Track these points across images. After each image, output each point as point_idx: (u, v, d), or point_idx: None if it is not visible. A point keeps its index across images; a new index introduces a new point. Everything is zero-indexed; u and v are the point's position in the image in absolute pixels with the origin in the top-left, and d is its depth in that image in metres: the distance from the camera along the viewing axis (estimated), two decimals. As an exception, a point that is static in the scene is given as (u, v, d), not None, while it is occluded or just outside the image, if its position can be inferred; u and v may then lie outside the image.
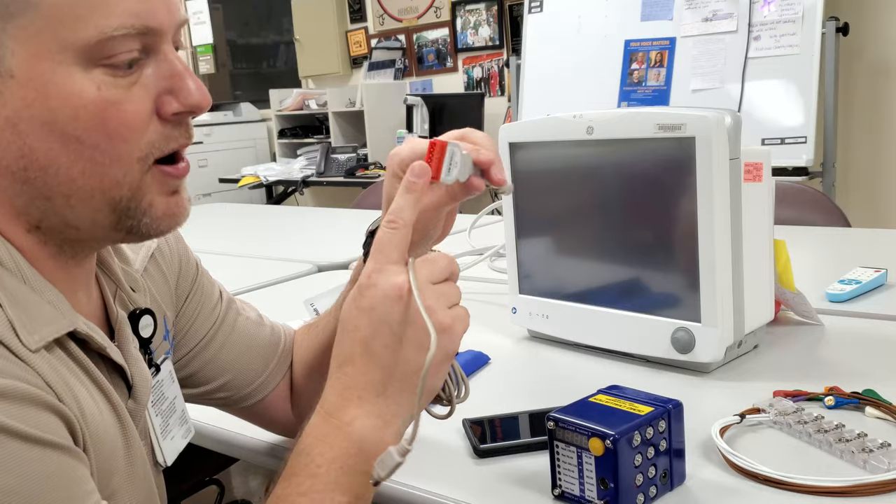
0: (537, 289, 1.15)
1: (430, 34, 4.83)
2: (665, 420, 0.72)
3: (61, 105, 0.54)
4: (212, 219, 2.89)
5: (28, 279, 0.58)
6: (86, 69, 0.55)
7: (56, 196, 0.57)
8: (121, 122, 0.56)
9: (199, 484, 1.77)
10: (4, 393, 0.51)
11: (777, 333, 1.12)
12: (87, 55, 0.54)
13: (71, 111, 0.55)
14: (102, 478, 0.59)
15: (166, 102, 0.59)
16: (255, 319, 0.89)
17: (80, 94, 0.55)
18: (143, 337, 0.72)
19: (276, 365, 0.88)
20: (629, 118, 1.00)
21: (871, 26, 3.36)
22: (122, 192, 0.58)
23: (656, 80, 3.37)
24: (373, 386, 0.62)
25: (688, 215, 0.95)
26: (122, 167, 0.58)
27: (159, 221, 0.61)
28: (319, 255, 1.90)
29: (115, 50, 0.55)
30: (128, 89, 0.57)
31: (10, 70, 0.54)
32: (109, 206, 0.58)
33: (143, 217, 0.60)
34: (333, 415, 0.62)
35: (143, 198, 0.60)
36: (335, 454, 0.61)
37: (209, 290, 0.86)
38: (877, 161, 3.48)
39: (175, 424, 0.78)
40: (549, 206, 1.12)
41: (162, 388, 0.75)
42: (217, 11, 5.86)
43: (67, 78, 0.54)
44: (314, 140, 4.97)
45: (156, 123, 0.59)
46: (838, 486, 0.71)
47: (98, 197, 0.58)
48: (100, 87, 0.55)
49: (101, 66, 0.55)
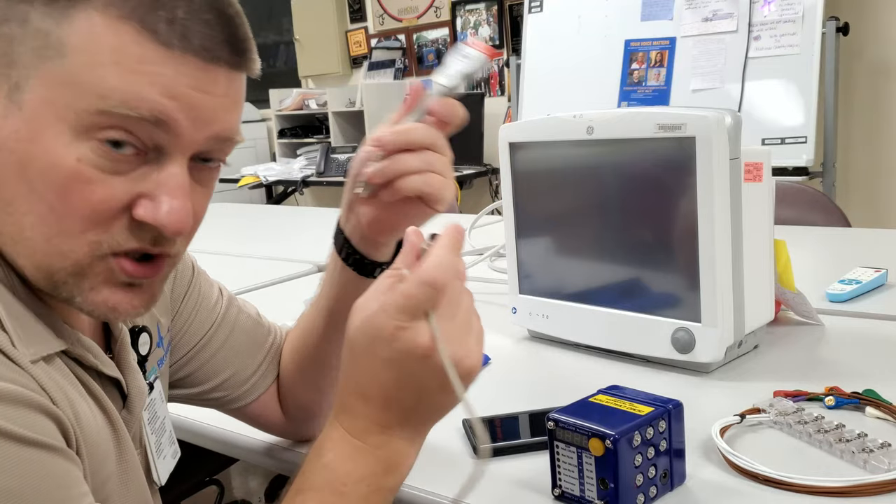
0: (537, 289, 1.15)
1: (430, 34, 4.83)
2: (665, 420, 0.72)
3: (39, 157, 0.54)
4: (212, 219, 2.88)
5: (20, 296, 0.58)
6: (77, 138, 0.54)
7: (4, 234, 0.56)
8: (83, 201, 0.54)
9: (199, 484, 1.77)
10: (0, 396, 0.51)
11: (777, 333, 1.12)
12: (85, 126, 0.53)
13: (43, 166, 0.54)
14: (96, 482, 0.59)
15: (140, 205, 0.56)
16: (254, 317, 0.89)
17: (59, 158, 0.53)
18: (142, 354, 0.72)
19: (270, 364, 0.87)
20: (629, 118, 1.00)
21: (871, 26, 3.36)
22: (64, 264, 0.56)
23: (656, 80, 3.37)
24: (398, 420, 0.60)
25: (688, 215, 0.95)
26: (69, 242, 0.55)
27: (93, 307, 0.58)
28: (319, 255, 1.89)
29: (109, 135, 0.54)
30: (108, 175, 0.55)
31: (21, 103, 0.54)
32: (47, 270, 0.56)
33: (77, 296, 0.57)
34: (358, 437, 0.61)
35: (85, 279, 0.57)
36: (362, 474, 0.60)
37: (207, 289, 0.86)
38: (877, 161, 3.48)
39: (166, 444, 0.78)
40: (549, 206, 1.12)
41: (155, 407, 0.75)
42: (217, 11, 5.85)
43: (58, 137, 0.53)
44: (314, 140, 4.97)
45: (124, 219, 0.56)
46: (838, 487, 0.71)
47: (39, 256, 0.56)
48: (79, 160, 0.54)
49: (96, 141, 0.54)
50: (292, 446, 0.91)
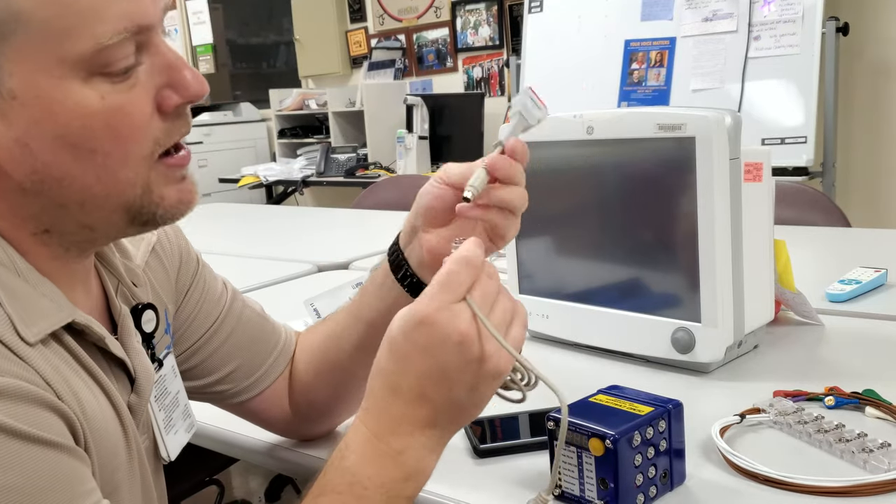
0: (537, 289, 1.15)
1: (430, 34, 4.83)
2: (665, 420, 0.72)
3: (70, 119, 0.55)
4: (212, 219, 2.89)
5: (23, 273, 0.58)
6: (85, 80, 0.55)
7: (70, 203, 0.59)
8: (128, 126, 0.57)
9: (199, 484, 1.77)
10: (4, 392, 0.51)
11: (777, 333, 1.12)
12: (85, 66, 0.55)
13: (80, 123, 0.55)
14: (105, 473, 0.60)
15: (166, 97, 0.60)
16: (259, 312, 0.90)
17: (86, 106, 0.55)
18: (146, 332, 0.72)
19: (276, 359, 0.88)
20: (629, 118, 1.00)
21: (871, 26, 3.36)
22: (136, 192, 0.60)
23: (656, 80, 3.37)
24: (424, 421, 0.61)
25: (688, 215, 0.95)
26: (132, 168, 0.59)
27: (173, 210, 0.63)
28: (319, 255, 1.90)
29: (111, 58, 0.55)
30: (128, 92, 0.57)
31: (12, 92, 0.54)
32: (124, 206, 0.60)
33: (156, 210, 0.62)
34: (382, 440, 0.61)
35: (153, 192, 0.61)
36: (383, 480, 0.60)
37: (212, 283, 0.87)
38: (877, 161, 3.48)
39: (178, 419, 0.78)
40: (549, 206, 1.12)
41: (165, 382, 0.76)
42: (217, 11, 5.86)
43: (70, 91, 0.55)
44: (314, 140, 4.97)
45: (157, 119, 0.60)
46: (838, 486, 0.71)
47: (113, 199, 0.59)
48: (103, 97, 0.56)
49: (100, 75, 0.56)
50: (293, 446, 0.91)
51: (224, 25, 6.00)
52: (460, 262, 0.60)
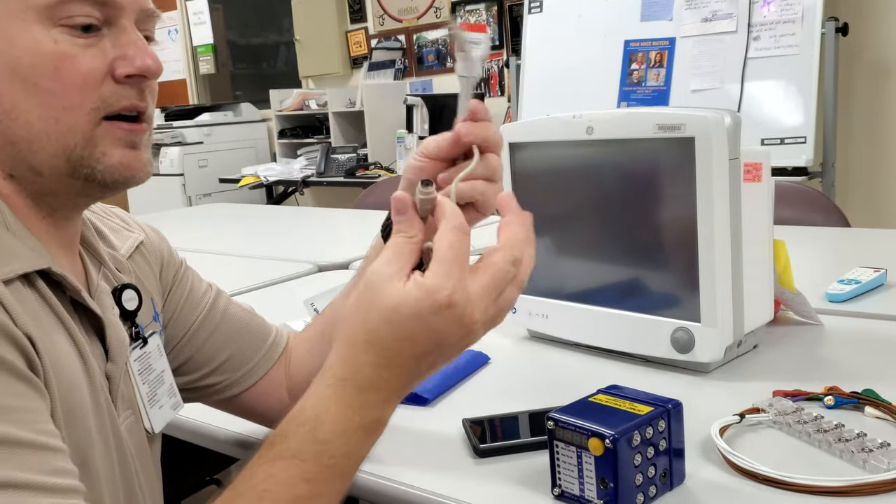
0: (537, 289, 1.15)
1: (429, 34, 4.83)
2: (665, 420, 0.72)
3: (23, 54, 0.61)
4: (212, 219, 2.90)
5: (11, 227, 0.63)
6: (46, 27, 0.62)
7: (19, 140, 0.63)
8: (73, 72, 0.63)
9: (199, 484, 1.77)
10: None
11: (777, 333, 1.13)
12: (47, 14, 0.61)
13: (31, 59, 0.62)
14: (65, 407, 0.61)
15: (119, 66, 0.65)
16: (247, 310, 0.92)
17: (39, 45, 0.62)
18: (128, 309, 0.75)
19: (267, 351, 0.90)
20: (629, 118, 1.00)
21: (871, 26, 3.36)
22: (76, 139, 0.64)
23: (656, 81, 3.38)
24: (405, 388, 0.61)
25: (687, 215, 0.95)
26: (74, 115, 0.63)
27: (114, 170, 0.66)
28: (319, 255, 1.90)
29: (71, 12, 0.62)
30: (83, 48, 0.63)
31: None
32: (64, 152, 0.64)
33: (96, 164, 0.65)
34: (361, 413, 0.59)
35: (96, 147, 0.65)
36: (350, 448, 0.59)
37: (196, 283, 0.90)
38: (877, 161, 3.48)
39: (164, 395, 0.80)
40: (549, 206, 1.12)
41: (149, 359, 0.78)
42: (217, 12, 5.86)
43: (29, 32, 0.62)
44: (314, 140, 4.97)
45: (109, 83, 0.65)
46: (838, 486, 0.71)
47: (54, 142, 0.63)
48: (56, 42, 0.62)
49: (61, 26, 0.62)
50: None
51: (224, 26, 6.00)
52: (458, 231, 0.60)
